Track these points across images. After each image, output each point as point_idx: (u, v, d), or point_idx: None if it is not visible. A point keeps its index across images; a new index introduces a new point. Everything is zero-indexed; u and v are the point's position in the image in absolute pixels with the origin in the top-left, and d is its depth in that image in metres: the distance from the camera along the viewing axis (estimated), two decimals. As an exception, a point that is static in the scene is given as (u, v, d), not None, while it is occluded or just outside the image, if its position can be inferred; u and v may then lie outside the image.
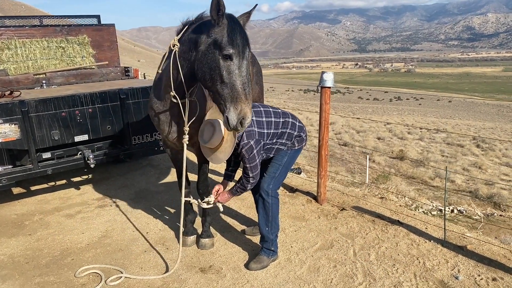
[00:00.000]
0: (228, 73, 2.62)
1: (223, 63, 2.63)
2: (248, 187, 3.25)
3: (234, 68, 2.62)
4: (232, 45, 2.61)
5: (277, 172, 3.43)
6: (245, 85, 2.62)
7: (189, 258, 3.71)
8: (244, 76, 2.63)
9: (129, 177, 6.07)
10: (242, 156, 3.17)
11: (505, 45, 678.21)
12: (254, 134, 3.17)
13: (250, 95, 2.65)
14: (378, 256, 3.62)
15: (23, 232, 4.41)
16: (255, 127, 3.19)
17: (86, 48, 6.69)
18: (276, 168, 3.43)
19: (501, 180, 16.92)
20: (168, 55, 3.11)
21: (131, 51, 72.54)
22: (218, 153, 3.17)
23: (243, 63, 2.64)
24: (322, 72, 4.50)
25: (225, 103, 2.65)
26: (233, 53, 2.61)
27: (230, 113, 2.62)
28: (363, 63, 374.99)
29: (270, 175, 3.43)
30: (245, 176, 3.21)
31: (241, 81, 2.61)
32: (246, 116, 2.60)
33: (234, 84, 2.61)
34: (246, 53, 2.67)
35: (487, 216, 8.83)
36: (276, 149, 3.40)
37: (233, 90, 2.61)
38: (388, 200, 4.99)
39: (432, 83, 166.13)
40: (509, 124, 48.76)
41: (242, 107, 2.59)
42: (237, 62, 2.62)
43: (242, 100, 2.60)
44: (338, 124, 32.20)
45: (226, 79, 2.63)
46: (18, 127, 4.47)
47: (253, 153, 3.14)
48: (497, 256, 3.53)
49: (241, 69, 2.63)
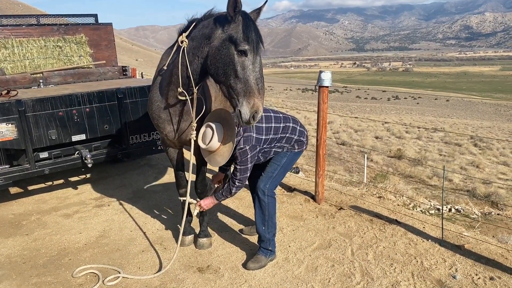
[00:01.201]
0: (243, 68, 2.68)
1: (238, 59, 2.69)
2: (233, 190, 3.24)
3: (248, 64, 2.68)
4: (247, 41, 2.67)
5: (275, 172, 3.43)
6: (258, 80, 2.68)
7: (187, 258, 3.70)
8: (257, 72, 2.70)
9: (127, 176, 6.06)
10: (235, 157, 3.18)
11: (502, 44, 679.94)
12: (251, 140, 3.17)
13: (263, 90, 2.72)
14: (376, 256, 3.62)
15: (20, 232, 4.39)
16: (253, 132, 3.19)
17: (84, 47, 6.66)
18: (274, 168, 3.43)
19: (499, 179, 16.96)
20: (176, 51, 3.11)
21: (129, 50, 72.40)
22: (217, 156, 3.18)
23: (256, 59, 2.71)
24: (320, 71, 4.50)
25: (238, 98, 2.70)
26: (248, 49, 2.67)
27: (243, 107, 2.67)
28: (361, 62, 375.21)
29: (268, 175, 3.42)
30: (233, 176, 3.23)
31: (255, 76, 2.68)
32: (258, 110, 2.66)
33: (248, 79, 2.67)
34: (260, 49, 2.74)
35: (485, 215, 8.85)
36: (274, 152, 3.41)
37: (246, 85, 2.67)
38: (386, 199, 4.99)
39: (430, 82, 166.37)
40: (506, 123, 48.92)
41: (255, 101, 2.66)
42: (251, 58, 2.68)
43: (255, 94, 2.66)
44: (336, 123, 32.19)
45: (240, 74, 2.68)
46: (15, 126, 4.45)
47: (246, 158, 3.16)
48: (494, 255, 3.54)
49: (255, 65, 2.69)
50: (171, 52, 3.17)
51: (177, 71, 3.06)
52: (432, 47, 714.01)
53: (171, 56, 3.20)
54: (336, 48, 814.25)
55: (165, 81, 3.29)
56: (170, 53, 3.21)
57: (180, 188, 3.88)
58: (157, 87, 3.44)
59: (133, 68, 7.24)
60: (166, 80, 3.26)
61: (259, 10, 2.94)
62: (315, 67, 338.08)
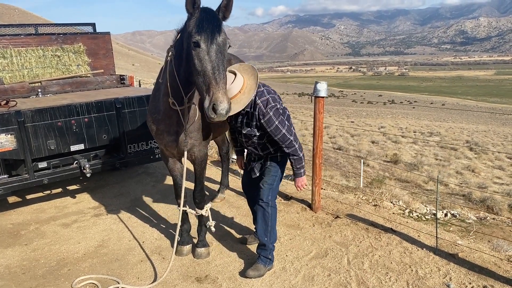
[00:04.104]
0: (199, 60, 2.61)
1: (194, 52, 2.62)
2: (299, 152, 3.28)
3: (203, 55, 2.60)
4: (198, 31, 2.59)
5: (274, 183, 3.49)
6: (215, 69, 2.57)
7: (185, 268, 3.74)
8: (213, 61, 2.59)
9: (125, 185, 6.10)
10: (269, 125, 3.16)
11: (497, 49, 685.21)
12: (274, 98, 3.21)
13: (221, 79, 2.58)
14: (371, 265, 3.68)
15: (19, 242, 4.42)
16: (276, 95, 3.28)
17: (82, 56, 6.72)
18: (273, 180, 3.48)
19: (494, 183, 17.07)
20: (166, 62, 3.17)
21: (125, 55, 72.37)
22: (234, 103, 3.04)
23: (212, 48, 2.60)
24: (316, 82, 4.56)
25: (202, 94, 2.64)
26: (200, 39, 2.59)
27: (205, 102, 2.58)
28: (357, 67, 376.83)
29: (268, 186, 3.46)
30: (285, 149, 3.26)
31: (211, 65, 2.57)
32: (217, 101, 2.51)
33: (205, 70, 2.59)
34: (215, 39, 2.62)
35: (480, 220, 8.91)
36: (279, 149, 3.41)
37: (205, 77, 2.59)
38: (381, 207, 5.06)
39: (426, 86, 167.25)
40: (501, 127, 49.20)
41: (214, 91, 2.53)
42: (205, 47, 2.60)
43: (213, 85, 2.54)
44: (332, 127, 32.28)
45: (198, 67, 2.62)
46: (14, 137, 4.49)
47: (279, 119, 3.16)
48: (487, 264, 3.60)
49: (210, 54, 2.60)
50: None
51: (166, 82, 3.13)
52: (428, 52, 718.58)
53: (164, 69, 3.28)
54: (332, 52, 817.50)
55: (161, 93, 3.37)
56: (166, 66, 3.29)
57: (179, 198, 3.92)
58: (155, 99, 3.53)
59: (131, 76, 7.30)
60: (162, 92, 3.34)
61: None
62: (311, 71, 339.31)
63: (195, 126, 3.47)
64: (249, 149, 3.48)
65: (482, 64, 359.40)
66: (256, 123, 3.22)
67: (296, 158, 3.32)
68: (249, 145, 3.43)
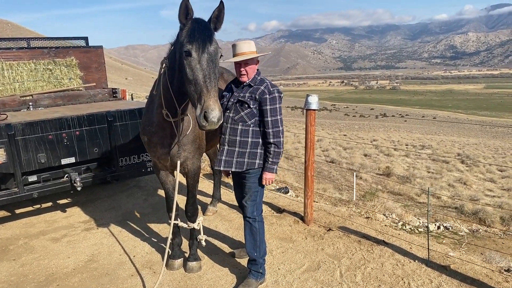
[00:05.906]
0: (191, 69, 2.64)
1: (186, 61, 2.66)
2: (281, 146, 3.25)
3: (194, 64, 2.63)
4: (190, 41, 2.63)
5: (257, 198, 3.44)
6: (206, 78, 2.60)
7: (176, 282, 3.70)
8: (205, 69, 2.62)
9: (116, 198, 6.04)
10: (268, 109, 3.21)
11: (486, 63, 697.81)
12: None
13: (213, 87, 2.59)
14: (364, 277, 3.66)
15: (7, 257, 4.34)
16: None
17: (74, 70, 6.71)
18: (255, 196, 3.42)
19: (486, 196, 17.18)
20: (160, 74, 3.20)
21: (118, 69, 72.49)
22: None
23: (203, 56, 2.64)
24: (307, 95, 4.60)
25: (194, 103, 2.65)
26: (191, 48, 2.62)
27: (197, 110, 2.60)
28: (349, 81, 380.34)
29: (251, 203, 3.42)
30: (272, 136, 3.24)
31: (203, 74, 2.60)
32: (208, 109, 2.52)
33: (196, 79, 2.60)
34: (206, 48, 2.65)
35: (473, 232, 8.95)
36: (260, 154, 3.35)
37: (196, 85, 2.61)
38: (373, 220, 5.06)
39: (417, 100, 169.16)
40: (492, 140, 49.77)
41: (205, 99, 2.54)
42: (196, 56, 2.63)
43: (204, 92, 2.56)
44: (325, 141, 32.42)
45: (190, 75, 2.64)
46: (4, 150, 4.44)
47: (279, 104, 3.27)
48: (479, 276, 3.60)
49: (201, 63, 2.63)
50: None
51: (160, 93, 3.15)
52: (418, 66, 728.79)
53: (158, 81, 3.30)
54: (324, 67, 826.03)
55: (154, 105, 3.38)
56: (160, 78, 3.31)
57: (171, 212, 3.89)
58: (148, 111, 3.54)
59: (123, 89, 7.30)
60: (155, 104, 3.35)
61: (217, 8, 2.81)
62: (304, 85, 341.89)
63: (188, 138, 3.47)
64: (225, 136, 3.34)
65: (471, 78, 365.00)
66: (255, 98, 3.21)
67: (276, 151, 3.27)
68: (230, 125, 3.30)
